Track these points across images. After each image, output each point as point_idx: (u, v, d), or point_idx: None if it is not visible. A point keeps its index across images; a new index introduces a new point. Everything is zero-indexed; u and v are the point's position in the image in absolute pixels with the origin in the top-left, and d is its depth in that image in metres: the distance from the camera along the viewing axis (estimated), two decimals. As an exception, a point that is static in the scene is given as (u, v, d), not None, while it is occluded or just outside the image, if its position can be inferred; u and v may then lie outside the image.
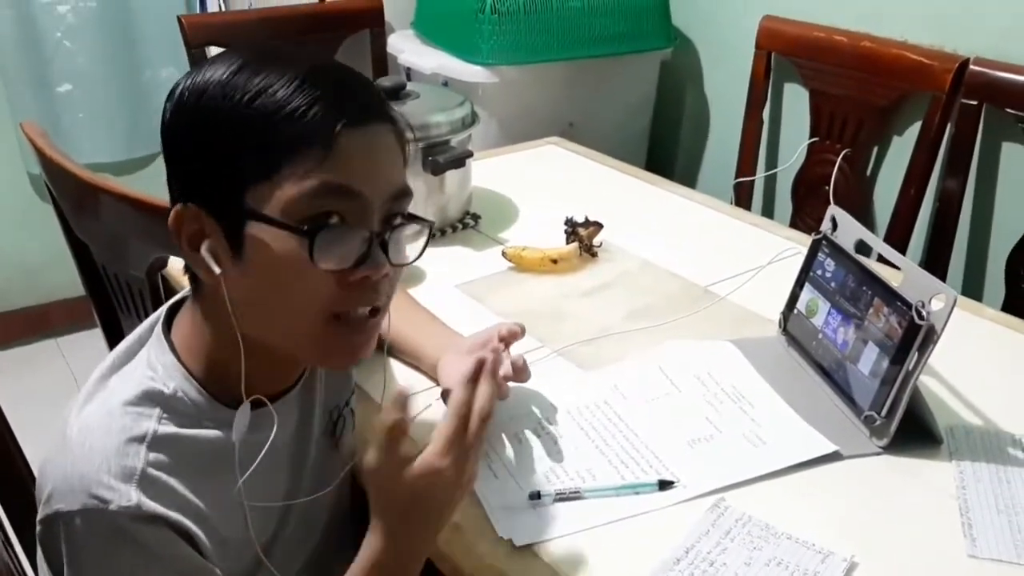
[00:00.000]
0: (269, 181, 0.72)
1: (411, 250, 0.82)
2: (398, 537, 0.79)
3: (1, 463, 1.06)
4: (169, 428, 0.76)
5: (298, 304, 0.75)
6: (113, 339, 1.49)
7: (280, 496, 0.88)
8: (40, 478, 0.76)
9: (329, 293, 0.75)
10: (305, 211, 0.72)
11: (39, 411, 1.13)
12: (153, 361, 0.79)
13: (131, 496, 0.71)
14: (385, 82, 1.51)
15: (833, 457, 1.00)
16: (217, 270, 0.74)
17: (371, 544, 0.79)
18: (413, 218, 0.80)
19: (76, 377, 2.63)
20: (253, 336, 0.77)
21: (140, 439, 0.74)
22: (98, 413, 0.76)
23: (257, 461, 0.79)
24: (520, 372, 1.03)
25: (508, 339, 1.05)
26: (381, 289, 0.78)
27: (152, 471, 0.73)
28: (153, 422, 0.75)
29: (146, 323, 0.85)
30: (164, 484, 0.74)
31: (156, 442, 0.75)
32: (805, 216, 2.14)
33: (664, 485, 0.95)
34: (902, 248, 1.89)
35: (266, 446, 0.79)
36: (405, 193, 0.79)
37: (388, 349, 1.11)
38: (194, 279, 0.80)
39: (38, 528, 0.74)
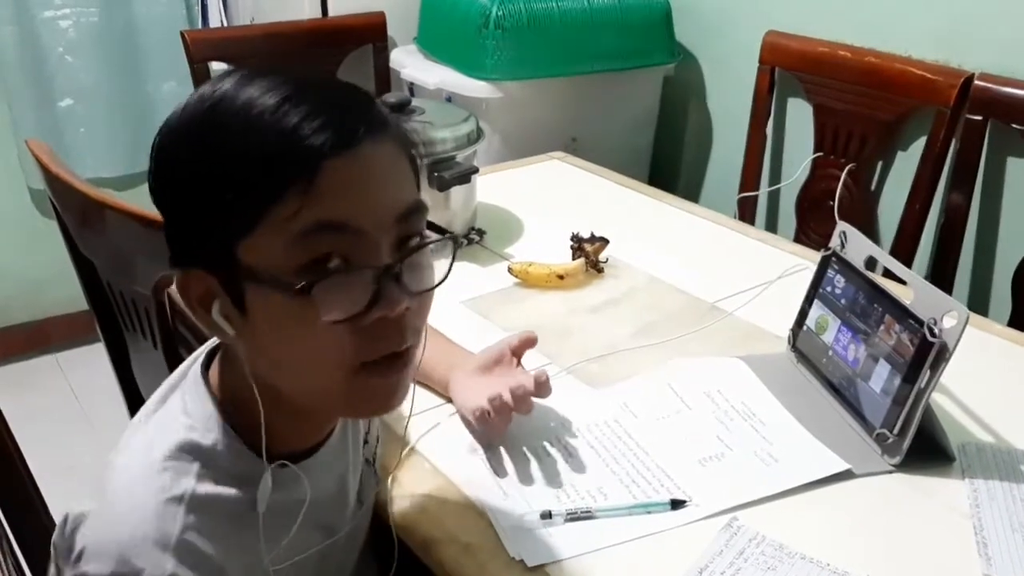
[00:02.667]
0: (256, 231, 0.65)
1: (438, 267, 0.74)
2: None
3: (9, 484, 1.05)
4: (207, 486, 0.72)
5: (316, 361, 0.69)
6: (117, 357, 1.48)
7: (319, 541, 0.84)
8: (71, 527, 0.71)
9: (347, 344, 0.67)
10: (299, 258, 0.65)
11: (39, 427, 1.13)
12: (190, 408, 0.75)
13: (165, 566, 0.67)
14: (390, 98, 1.50)
15: (845, 475, 1.00)
16: (232, 333, 0.69)
17: None
18: (431, 234, 0.73)
19: (76, 393, 2.62)
20: (280, 392, 0.72)
21: (178, 499, 0.70)
22: (135, 468, 0.72)
23: (293, 530, 0.76)
24: (541, 387, 1.00)
25: (520, 350, 1.04)
26: (407, 325, 0.70)
27: (188, 537, 0.69)
28: (191, 479, 0.71)
29: (185, 363, 0.80)
30: (199, 551, 0.69)
31: (194, 503, 0.70)
32: (809, 231, 2.14)
33: (676, 504, 0.94)
34: (907, 263, 1.89)
35: (301, 513, 0.76)
36: (416, 209, 0.71)
37: None
38: None
39: None
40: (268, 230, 0.64)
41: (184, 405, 0.75)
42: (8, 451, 1.05)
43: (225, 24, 2.75)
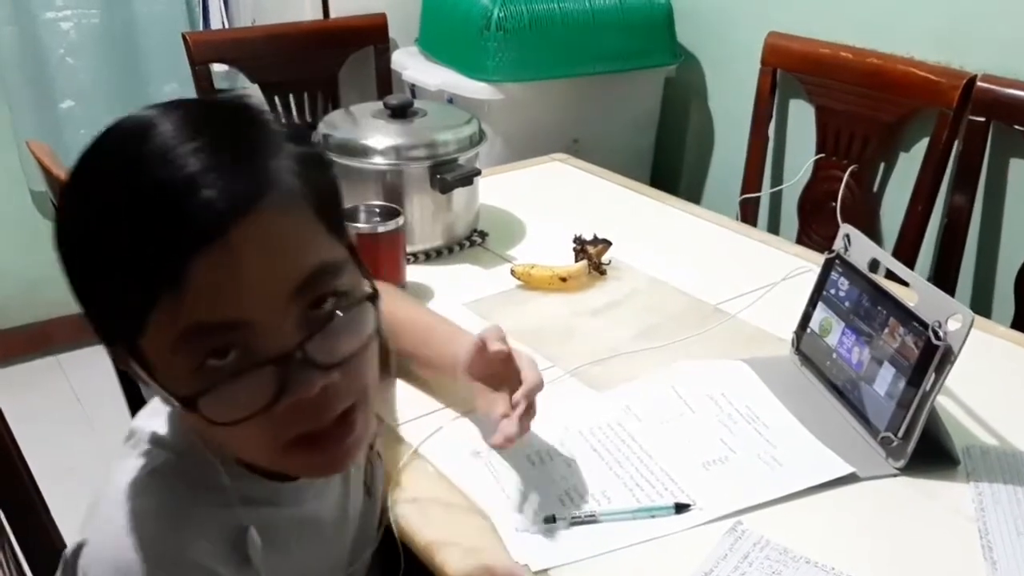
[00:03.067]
0: (146, 331, 0.59)
1: (367, 317, 0.65)
2: None
3: (11, 486, 1.05)
4: (211, 509, 0.70)
5: (242, 447, 0.65)
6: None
7: (329, 563, 0.84)
8: (72, 555, 0.69)
9: (265, 431, 0.61)
10: (189, 361, 0.59)
11: (40, 428, 1.12)
12: (186, 428, 0.71)
13: None
14: (392, 100, 1.50)
15: (850, 479, 0.99)
16: (177, 406, 0.62)
17: None
18: (344, 294, 0.64)
19: (77, 394, 2.62)
20: None
21: (182, 523, 0.68)
22: (135, 491, 0.69)
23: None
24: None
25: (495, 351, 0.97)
26: (335, 396, 0.63)
27: (192, 555, 0.67)
28: (184, 501, 0.69)
29: None
30: (205, 568, 0.68)
31: (198, 525, 0.68)
32: (811, 233, 2.13)
33: (680, 508, 0.94)
34: (909, 265, 1.88)
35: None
36: (321, 273, 0.62)
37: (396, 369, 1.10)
38: None
39: None
40: (153, 331, 0.59)
41: (177, 422, 0.73)
42: (9, 453, 1.05)
43: (226, 25, 2.74)
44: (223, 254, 0.57)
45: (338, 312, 0.63)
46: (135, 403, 1.52)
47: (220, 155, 0.58)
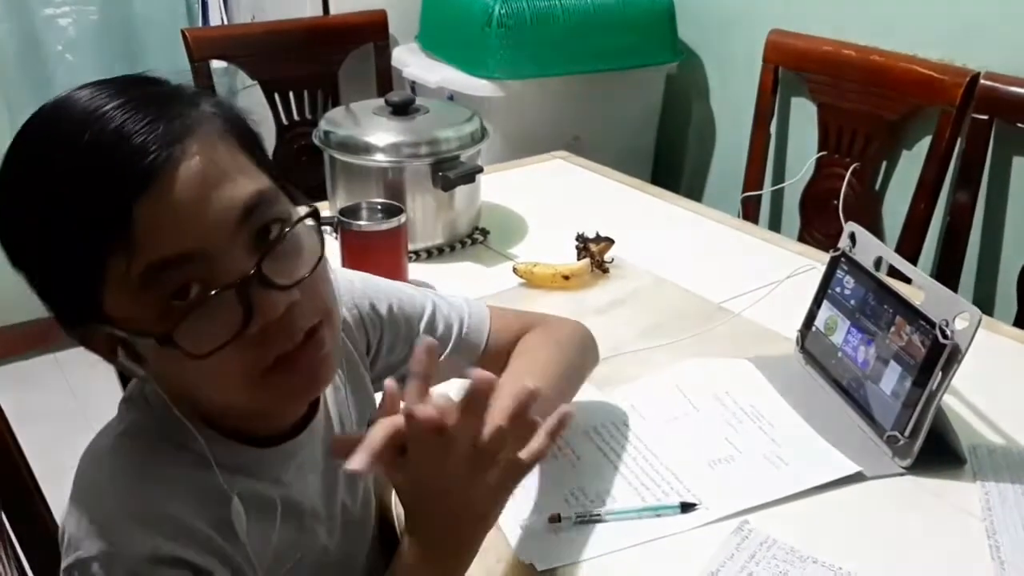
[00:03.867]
0: (104, 287, 0.62)
1: (312, 239, 0.69)
2: (420, 531, 0.73)
3: (13, 485, 1.04)
4: (185, 469, 0.72)
5: (221, 383, 0.67)
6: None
7: (312, 557, 0.83)
8: (62, 526, 0.72)
9: (241, 359, 0.65)
10: (154, 303, 0.62)
11: (38, 427, 1.12)
12: (158, 398, 0.73)
13: (146, 539, 0.67)
14: (393, 97, 1.50)
15: (856, 478, 0.99)
16: (142, 373, 0.69)
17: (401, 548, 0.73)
18: (285, 220, 0.68)
19: (75, 393, 2.60)
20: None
21: (157, 479, 0.70)
22: (108, 451, 0.73)
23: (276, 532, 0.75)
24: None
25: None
26: (299, 315, 0.66)
27: (169, 511, 0.69)
28: (162, 456, 0.72)
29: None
30: (183, 524, 0.69)
31: (171, 481, 0.71)
32: (813, 231, 2.13)
33: (686, 507, 0.93)
34: (911, 263, 1.87)
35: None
36: (259, 201, 0.65)
37: None
38: None
39: None
40: (112, 284, 0.62)
41: (139, 399, 0.75)
42: (10, 450, 1.04)
43: (225, 22, 2.74)
44: (164, 193, 0.61)
45: (284, 232, 0.67)
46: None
47: (143, 109, 0.63)
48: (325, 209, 1.52)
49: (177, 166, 0.62)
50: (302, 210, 0.70)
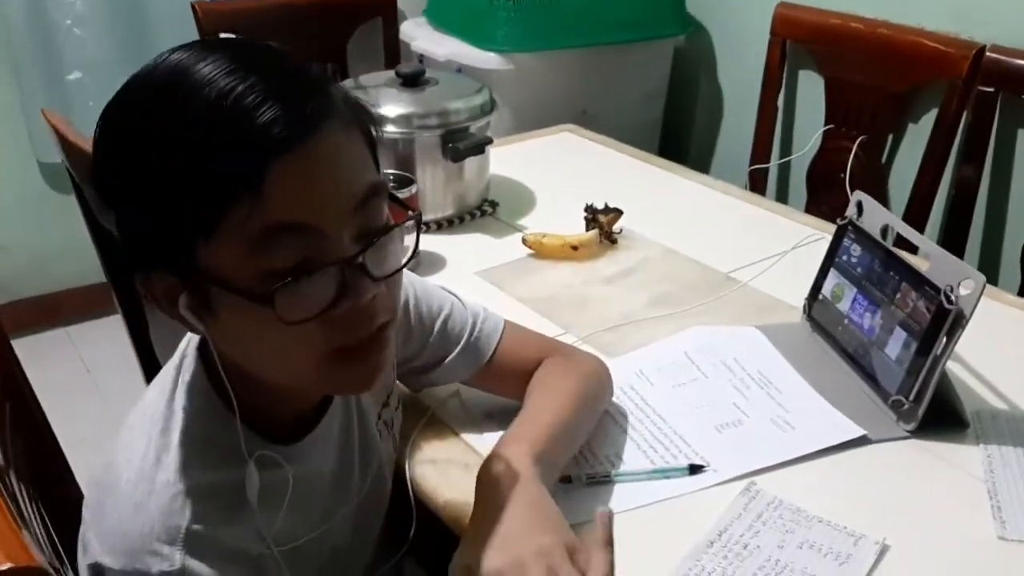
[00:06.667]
0: (212, 237, 0.63)
1: (404, 244, 0.72)
2: None
3: (41, 453, 1.06)
4: (210, 474, 0.72)
5: (288, 354, 0.68)
6: (135, 328, 1.49)
7: (331, 517, 0.84)
8: (86, 511, 0.73)
9: (317, 336, 0.67)
10: (259, 261, 0.63)
11: (51, 399, 1.13)
12: (187, 393, 0.74)
13: (175, 560, 0.68)
14: (404, 69, 1.51)
15: (861, 441, 1.01)
16: (201, 328, 0.68)
17: None
18: (387, 216, 0.70)
19: (88, 366, 2.63)
20: (259, 377, 0.72)
21: (183, 492, 0.70)
22: (145, 461, 0.72)
23: (284, 507, 0.76)
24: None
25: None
26: (378, 308, 0.69)
27: (197, 527, 0.70)
28: (193, 471, 0.72)
29: (183, 343, 0.79)
30: (211, 540, 0.70)
31: (198, 493, 0.71)
32: (820, 203, 2.14)
33: (694, 469, 0.95)
34: (918, 235, 1.89)
35: (287, 495, 0.76)
36: (375, 192, 0.68)
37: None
38: None
39: (83, 569, 0.71)
40: (222, 235, 0.62)
41: (181, 390, 0.75)
42: (38, 423, 1.06)
43: (234, -4, 2.73)
44: (303, 159, 0.62)
45: (391, 227, 0.70)
46: (150, 371, 1.53)
47: (293, 79, 0.65)
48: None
49: (319, 140, 0.63)
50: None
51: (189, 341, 0.78)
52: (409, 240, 0.73)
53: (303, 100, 0.63)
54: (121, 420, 0.78)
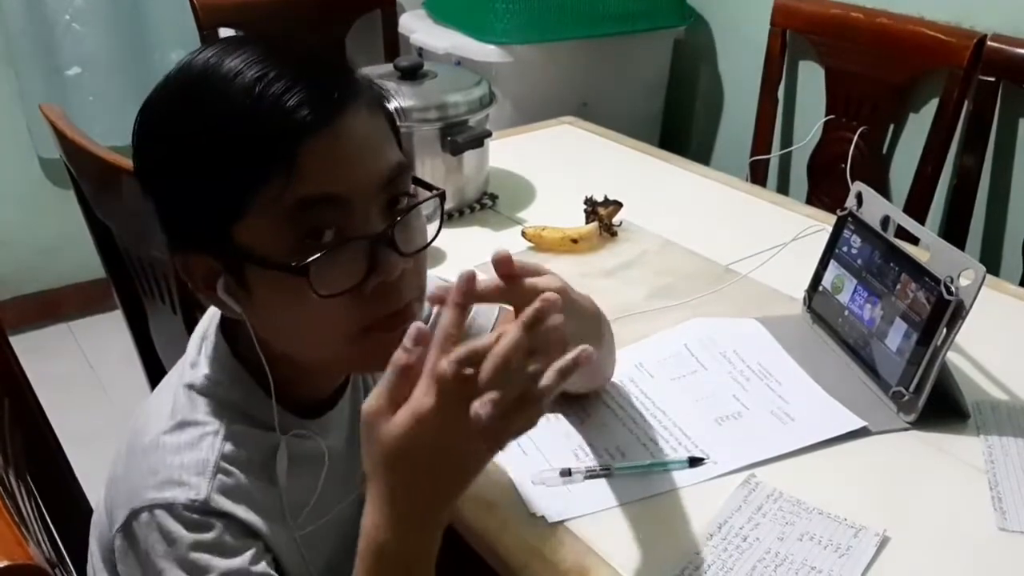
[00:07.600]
0: (247, 215, 0.67)
1: (429, 223, 0.75)
2: (392, 501, 0.65)
3: (42, 456, 1.06)
4: (241, 427, 0.75)
5: (320, 329, 0.71)
6: (135, 322, 1.49)
7: (342, 496, 0.85)
8: (112, 478, 0.75)
9: (349, 311, 0.69)
10: (292, 236, 0.67)
11: (53, 394, 1.13)
12: (214, 366, 0.77)
13: (201, 489, 0.70)
14: (402, 62, 1.50)
15: (861, 433, 1.01)
16: (238, 309, 0.72)
17: (366, 519, 0.67)
18: (420, 190, 0.75)
19: (90, 361, 2.63)
20: (290, 354, 0.74)
21: (215, 433, 0.73)
22: (174, 414, 0.75)
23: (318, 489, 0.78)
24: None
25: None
26: (406, 285, 0.72)
27: (225, 465, 0.72)
28: (226, 420, 0.74)
29: (204, 321, 0.82)
30: (238, 481, 0.72)
31: (230, 437, 0.74)
32: (821, 194, 2.14)
33: (694, 462, 0.95)
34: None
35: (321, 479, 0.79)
36: (400, 171, 0.72)
37: None
38: None
39: (116, 543, 0.72)
40: (257, 211, 0.66)
41: (208, 363, 0.77)
42: (37, 420, 1.06)
43: (233, -10, 2.73)
44: (332, 138, 0.67)
45: (417, 207, 0.73)
46: (151, 365, 1.54)
47: (323, 64, 0.70)
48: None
49: (347, 119, 0.68)
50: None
51: (209, 323, 0.80)
52: (432, 222, 0.76)
53: (331, 83, 0.68)
54: (125, 413, 0.78)
